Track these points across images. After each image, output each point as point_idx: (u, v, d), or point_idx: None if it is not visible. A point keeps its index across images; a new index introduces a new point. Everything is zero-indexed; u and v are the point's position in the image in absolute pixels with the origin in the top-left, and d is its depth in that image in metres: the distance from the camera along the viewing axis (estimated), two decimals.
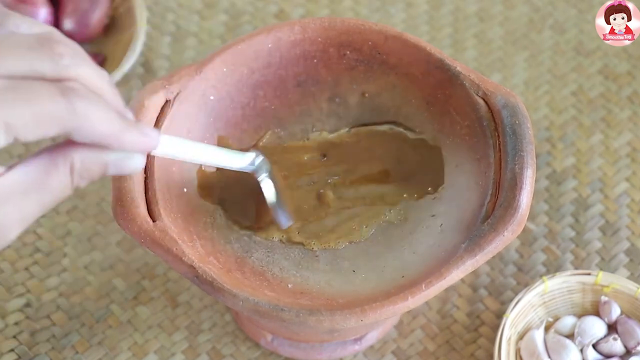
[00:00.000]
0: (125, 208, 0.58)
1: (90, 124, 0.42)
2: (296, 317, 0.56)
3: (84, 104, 0.42)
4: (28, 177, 0.43)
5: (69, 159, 0.43)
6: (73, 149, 0.43)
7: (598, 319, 0.73)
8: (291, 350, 0.74)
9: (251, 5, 0.95)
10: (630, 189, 0.83)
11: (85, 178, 0.44)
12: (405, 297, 0.57)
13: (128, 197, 0.59)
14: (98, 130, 0.43)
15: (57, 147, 0.43)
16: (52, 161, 0.43)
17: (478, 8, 0.95)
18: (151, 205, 0.59)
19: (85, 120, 0.42)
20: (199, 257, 0.59)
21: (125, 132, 0.44)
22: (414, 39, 0.67)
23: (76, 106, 0.41)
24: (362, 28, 0.68)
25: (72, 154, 0.43)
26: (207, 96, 0.66)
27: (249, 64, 0.68)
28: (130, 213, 0.58)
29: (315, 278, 0.62)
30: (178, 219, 0.61)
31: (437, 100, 0.67)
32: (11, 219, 0.42)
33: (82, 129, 0.42)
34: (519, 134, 0.61)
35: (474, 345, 0.75)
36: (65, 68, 0.43)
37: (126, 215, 0.58)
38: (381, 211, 0.66)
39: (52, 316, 0.76)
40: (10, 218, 0.42)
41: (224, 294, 0.57)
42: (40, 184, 0.43)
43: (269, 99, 0.69)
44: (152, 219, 0.59)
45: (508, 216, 0.59)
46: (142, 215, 0.58)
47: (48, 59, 0.42)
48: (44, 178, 0.43)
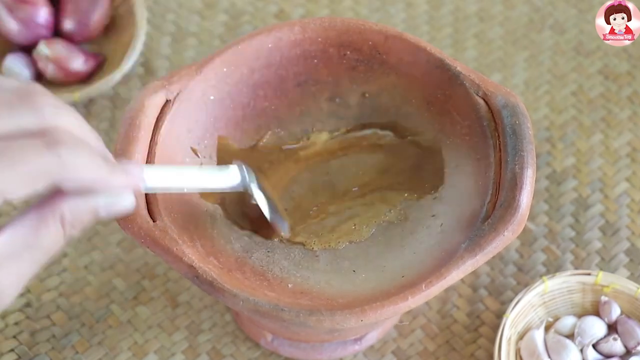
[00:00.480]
0: None
1: (78, 172, 0.42)
2: (296, 317, 0.57)
3: (70, 152, 0.42)
4: (18, 239, 0.42)
5: (58, 212, 0.43)
6: (61, 201, 0.43)
7: (598, 319, 0.73)
8: (291, 350, 0.74)
9: (251, 5, 0.95)
10: (630, 189, 0.83)
11: (77, 227, 0.44)
12: (406, 297, 0.57)
13: None
14: (86, 176, 0.43)
15: (44, 202, 0.43)
16: (41, 218, 0.43)
17: (478, 8, 0.95)
18: (151, 205, 0.60)
19: (73, 169, 0.42)
20: (199, 257, 0.59)
21: (112, 174, 0.45)
22: (414, 39, 0.67)
23: (63, 157, 0.41)
24: (363, 28, 0.68)
25: (60, 207, 0.43)
26: (207, 96, 0.67)
27: (249, 64, 0.68)
28: (130, 213, 0.58)
29: (315, 278, 0.62)
30: (178, 218, 0.61)
31: (437, 100, 0.67)
32: (6, 282, 0.42)
33: (70, 178, 0.42)
34: (519, 134, 0.61)
35: (474, 345, 0.75)
36: (48, 118, 0.43)
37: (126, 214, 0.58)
38: (381, 211, 0.66)
39: (52, 316, 0.76)
40: (5, 281, 0.42)
41: (224, 294, 0.57)
42: (32, 243, 0.42)
43: (269, 99, 0.69)
44: (152, 218, 0.59)
45: (508, 216, 0.59)
46: (142, 215, 0.58)
47: (30, 112, 0.42)
48: (35, 237, 0.43)
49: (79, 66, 0.85)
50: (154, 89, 0.63)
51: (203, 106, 0.66)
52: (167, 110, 0.63)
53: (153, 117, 0.63)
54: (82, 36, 0.88)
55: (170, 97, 0.64)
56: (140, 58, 0.90)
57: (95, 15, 0.87)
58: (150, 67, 0.90)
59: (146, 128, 0.62)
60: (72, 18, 0.87)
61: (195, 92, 0.66)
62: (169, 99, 0.64)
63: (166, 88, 0.64)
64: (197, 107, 0.66)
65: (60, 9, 0.87)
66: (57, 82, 0.86)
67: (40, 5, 0.85)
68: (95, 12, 0.87)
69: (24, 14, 0.85)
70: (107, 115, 0.87)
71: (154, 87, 0.63)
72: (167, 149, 0.63)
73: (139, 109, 0.62)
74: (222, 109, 0.68)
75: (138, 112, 0.62)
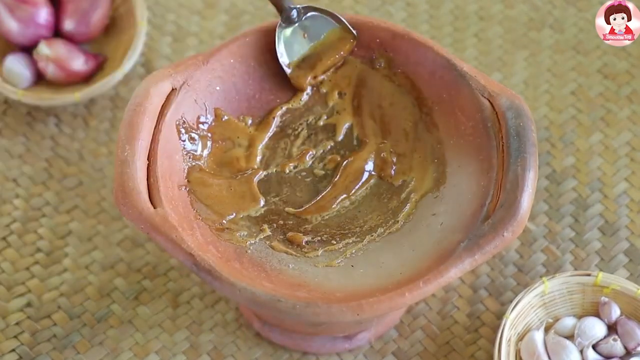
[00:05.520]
0: (126, 193, 0.59)
1: None
2: (293, 309, 0.57)
3: None
4: None
5: None
6: None
7: (598, 319, 0.73)
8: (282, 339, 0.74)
9: (251, 5, 0.95)
10: (630, 189, 0.83)
11: None
12: (403, 293, 0.57)
13: (130, 183, 0.59)
14: None
15: None
16: None
17: (478, 7, 0.95)
18: (152, 191, 0.60)
19: None
20: (199, 245, 0.59)
21: None
22: (421, 38, 0.68)
23: None
24: (371, 25, 0.69)
25: None
26: (213, 86, 0.67)
27: (256, 57, 0.68)
28: (132, 198, 0.58)
29: (313, 271, 0.62)
30: (179, 206, 0.61)
31: (442, 99, 0.67)
32: None
33: None
34: (523, 136, 0.62)
35: (474, 346, 0.75)
36: None
37: (127, 200, 0.59)
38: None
39: (53, 316, 0.76)
40: None
41: (222, 283, 0.57)
42: None
43: (275, 92, 0.70)
44: (153, 205, 0.59)
45: (508, 217, 0.59)
46: (143, 201, 0.59)
47: None
48: None
49: (80, 66, 0.85)
50: (160, 77, 0.63)
51: (209, 96, 0.67)
52: (173, 99, 0.64)
53: (158, 105, 0.63)
54: (83, 36, 0.88)
55: (176, 86, 0.64)
56: (141, 58, 0.90)
57: (95, 16, 0.87)
58: (150, 67, 0.90)
59: (151, 115, 0.62)
60: (73, 18, 0.87)
61: (201, 82, 0.66)
62: (174, 87, 0.64)
63: (172, 76, 0.64)
64: (203, 97, 0.66)
65: (61, 9, 0.87)
66: (57, 82, 0.86)
67: (40, 5, 0.85)
68: (95, 12, 0.87)
69: (24, 14, 0.85)
70: (108, 115, 0.87)
71: (160, 75, 0.64)
72: (170, 137, 0.64)
73: (144, 96, 0.62)
74: (228, 100, 0.68)
75: (143, 99, 0.62)
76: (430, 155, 0.67)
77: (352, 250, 0.64)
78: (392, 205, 0.66)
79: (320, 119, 0.70)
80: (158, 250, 0.79)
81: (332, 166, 0.69)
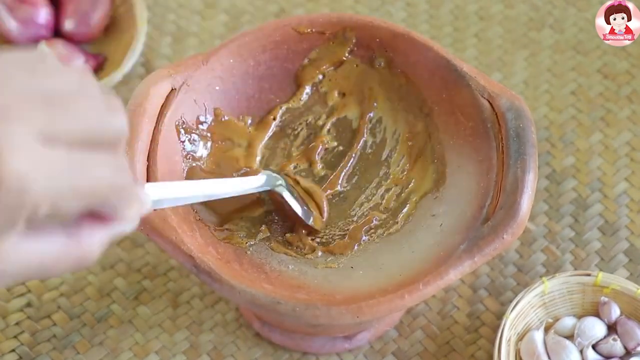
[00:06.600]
0: None
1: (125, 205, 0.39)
2: (292, 311, 0.57)
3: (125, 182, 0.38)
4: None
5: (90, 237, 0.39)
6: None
7: (598, 319, 0.73)
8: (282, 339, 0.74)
9: (251, 5, 0.95)
10: (630, 189, 0.83)
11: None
12: (402, 295, 0.57)
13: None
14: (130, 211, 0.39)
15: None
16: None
17: (478, 7, 0.95)
18: None
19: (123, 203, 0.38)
20: (198, 246, 0.59)
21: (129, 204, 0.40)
22: (422, 38, 0.68)
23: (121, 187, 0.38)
24: (371, 24, 0.69)
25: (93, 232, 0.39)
26: (213, 86, 0.67)
27: (256, 56, 0.68)
28: None
29: (313, 273, 0.62)
30: (178, 207, 0.61)
31: (442, 100, 0.67)
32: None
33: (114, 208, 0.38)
34: (523, 137, 0.61)
35: (474, 346, 0.75)
36: (122, 130, 0.38)
37: None
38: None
39: (53, 316, 0.76)
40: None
41: (221, 285, 0.57)
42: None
43: (275, 92, 0.70)
44: None
45: (508, 219, 0.59)
46: None
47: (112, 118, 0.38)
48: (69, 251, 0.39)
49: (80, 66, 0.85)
50: (159, 77, 0.63)
51: (208, 96, 0.67)
52: (172, 99, 0.64)
53: (158, 105, 0.63)
54: (83, 36, 0.88)
55: (176, 86, 0.64)
56: (141, 58, 0.90)
57: (95, 16, 0.87)
58: (150, 68, 0.90)
59: (150, 116, 0.62)
60: (73, 18, 0.87)
61: (201, 82, 0.66)
62: (174, 87, 0.64)
63: (172, 77, 0.64)
64: (202, 97, 0.66)
65: (61, 9, 0.87)
66: None
67: (40, 5, 0.85)
68: (95, 13, 0.87)
69: (24, 14, 0.85)
70: None
71: (160, 75, 0.64)
72: (170, 137, 0.64)
73: (144, 96, 0.62)
74: (227, 100, 0.68)
75: (143, 99, 0.62)
76: (430, 156, 0.67)
77: (352, 250, 0.64)
78: (392, 205, 0.66)
79: (320, 118, 0.70)
80: (158, 250, 0.79)
81: (332, 166, 0.69)
